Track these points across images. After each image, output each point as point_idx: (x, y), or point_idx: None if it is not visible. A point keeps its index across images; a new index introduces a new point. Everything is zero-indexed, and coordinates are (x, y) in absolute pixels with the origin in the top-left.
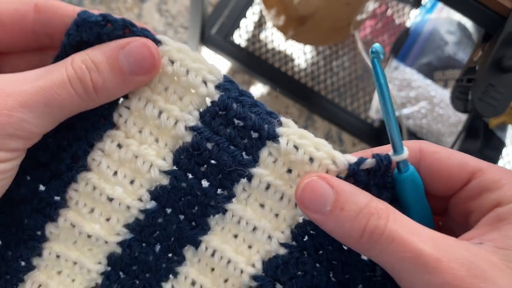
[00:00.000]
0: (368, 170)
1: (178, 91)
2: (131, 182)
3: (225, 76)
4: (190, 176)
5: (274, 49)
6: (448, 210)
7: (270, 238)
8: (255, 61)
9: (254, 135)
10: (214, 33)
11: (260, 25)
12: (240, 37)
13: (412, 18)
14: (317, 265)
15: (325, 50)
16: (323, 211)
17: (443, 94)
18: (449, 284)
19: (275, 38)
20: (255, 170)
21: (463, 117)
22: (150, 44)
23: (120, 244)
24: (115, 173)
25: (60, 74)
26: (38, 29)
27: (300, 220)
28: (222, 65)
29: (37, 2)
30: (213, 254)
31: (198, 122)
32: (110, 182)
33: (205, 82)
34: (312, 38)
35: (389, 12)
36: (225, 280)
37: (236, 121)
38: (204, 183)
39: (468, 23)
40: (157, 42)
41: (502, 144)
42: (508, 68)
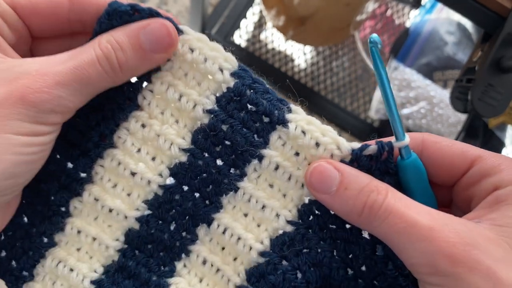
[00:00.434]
0: (370, 156)
1: (196, 77)
2: (153, 159)
3: (240, 64)
4: (206, 154)
5: (274, 49)
6: (452, 200)
7: (278, 216)
8: (255, 61)
9: (265, 120)
10: (214, 33)
11: (260, 25)
12: (240, 37)
13: (411, 18)
14: (321, 242)
15: (325, 50)
16: (330, 192)
17: (443, 94)
18: (442, 250)
19: (275, 39)
20: (266, 151)
21: (463, 117)
22: (168, 24)
23: (138, 219)
24: (139, 150)
25: (89, 55)
26: (72, 17)
27: (306, 200)
28: None
29: None
30: (224, 232)
31: (215, 106)
32: (133, 158)
33: (221, 70)
34: (312, 38)
35: (388, 12)
36: (234, 258)
37: (249, 106)
38: (218, 162)
39: (467, 24)
40: (179, 31)
41: (501, 144)
42: (507, 68)
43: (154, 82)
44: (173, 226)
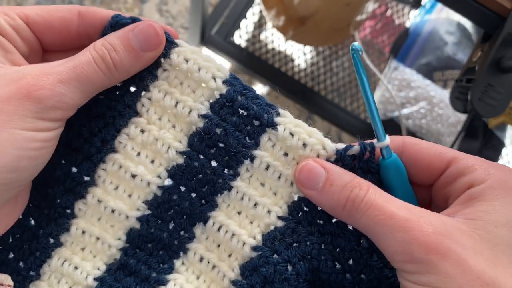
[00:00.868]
0: (354, 156)
1: (191, 85)
2: (152, 162)
3: (231, 73)
4: (201, 156)
5: (274, 49)
6: (432, 199)
7: (269, 212)
8: (255, 61)
9: (256, 123)
10: (214, 33)
11: (260, 25)
12: (240, 37)
13: (411, 18)
14: (310, 236)
15: (325, 50)
16: (317, 188)
17: (443, 94)
18: (417, 239)
19: (275, 39)
20: (257, 152)
21: (463, 117)
22: (155, 24)
23: (139, 219)
24: (138, 154)
25: (86, 56)
26: (81, 31)
27: (295, 197)
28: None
29: (79, 9)
30: (219, 229)
31: (209, 111)
32: (133, 161)
33: (214, 78)
34: (312, 38)
35: (388, 12)
36: (229, 254)
37: (240, 110)
38: (213, 164)
39: (467, 24)
40: (175, 44)
41: (501, 144)
42: (507, 68)
43: (152, 91)
44: (171, 225)
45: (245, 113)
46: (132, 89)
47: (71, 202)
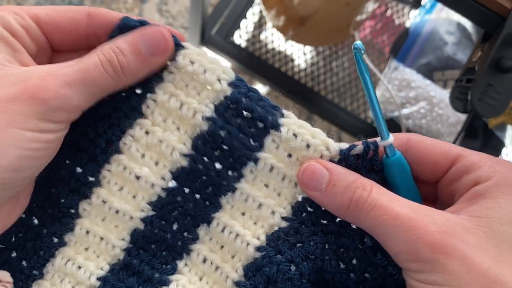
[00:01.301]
0: (357, 155)
1: (196, 88)
2: (156, 163)
3: (236, 75)
4: (205, 159)
5: (274, 49)
6: (438, 196)
7: (273, 213)
8: (255, 61)
9: (260, 125)
10: (214, 33)
11: (260, 25)
12: (240, 37)
13: (411, 18)
14: (313, 236)
15: (325, 50)
16: (320, 189)
17: (443, 94)
18: (422, 238)
19: (275, 39)
20: (261, 154)
21: (463, 117)
22: (163, 30)
23: (143, 220)
24: (143, 155)
25: (93, 59)
26: (89, 32)
27: (299, 198)
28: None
29: (89, 10)
30: (223, 230)
31: (213, 113)
32: (138, 163)
33: (219, 80)
34: (312, 38)
35: (388, 12)
36: (232, 255)
37: (245, 113)
38: (217, 166)
39: (467, 24)
40: (181, 46)
41: (501, 144)
42: (507, 68)
43: (157, 93)
44: (175, 226)
45: (249, 115)
46: (138, 91)
47: (76, 202)
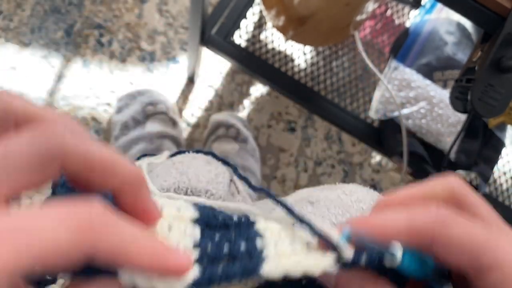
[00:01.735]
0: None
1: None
2: None
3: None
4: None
5: (274, 49)
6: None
7: None
8: (255, 61)
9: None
10: (214, 33)
11: (260, 25)
12: (240, 37)
13: (411, 18)
14: None
15: (325, 50)
16: None
17: (443, 94)
18: None
19: (275, 39)
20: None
21: (463, 117)
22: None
23: None
24: None
25: None
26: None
27: None
28: (222, 65)
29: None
30: None
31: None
32: None
33: (185, 232)
34: (312, 38)
35: (388, 12)
36: None
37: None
38: None
39: (467, 24)
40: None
41: (501, 144)
42: (507, 68)
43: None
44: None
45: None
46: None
47: None
